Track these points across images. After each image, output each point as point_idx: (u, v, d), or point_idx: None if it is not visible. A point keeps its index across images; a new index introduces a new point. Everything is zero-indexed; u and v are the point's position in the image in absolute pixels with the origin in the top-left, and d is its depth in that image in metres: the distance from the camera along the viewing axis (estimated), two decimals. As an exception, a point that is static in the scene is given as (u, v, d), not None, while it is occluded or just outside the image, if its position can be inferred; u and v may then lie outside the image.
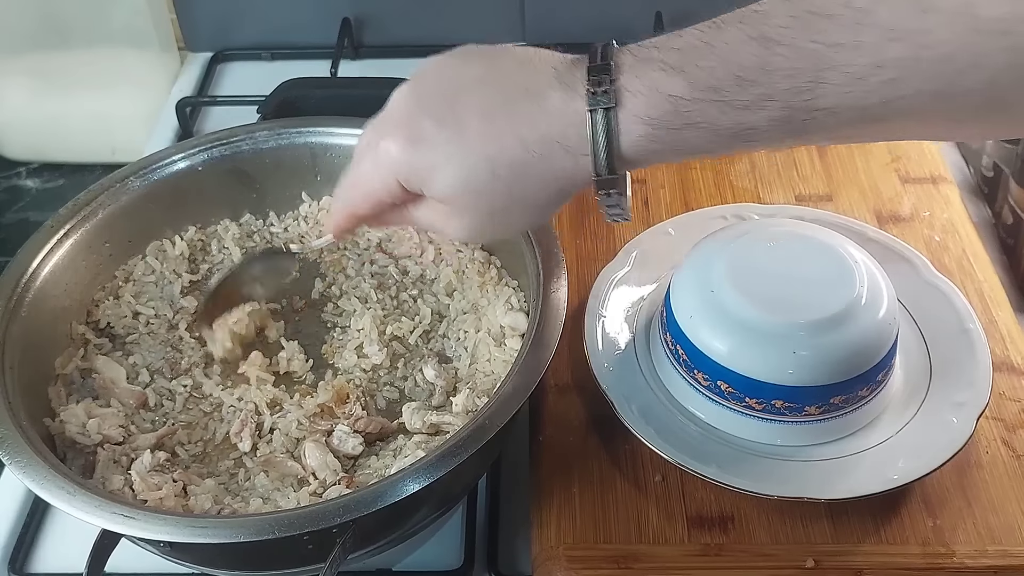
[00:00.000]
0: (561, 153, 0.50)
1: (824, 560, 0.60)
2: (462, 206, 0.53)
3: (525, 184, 0.52)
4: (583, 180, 0.51)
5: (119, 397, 0.68)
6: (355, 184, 0.57)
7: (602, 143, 0.49)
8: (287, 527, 0.53)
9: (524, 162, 0.51)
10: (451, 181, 0.52)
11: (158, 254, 0.76)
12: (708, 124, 0.48)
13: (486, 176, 0.51)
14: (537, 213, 0.54)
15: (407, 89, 0.54)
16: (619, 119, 0.49)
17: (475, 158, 0.51)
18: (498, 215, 0.54)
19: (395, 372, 0.71)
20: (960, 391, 0.65)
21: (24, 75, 1.06)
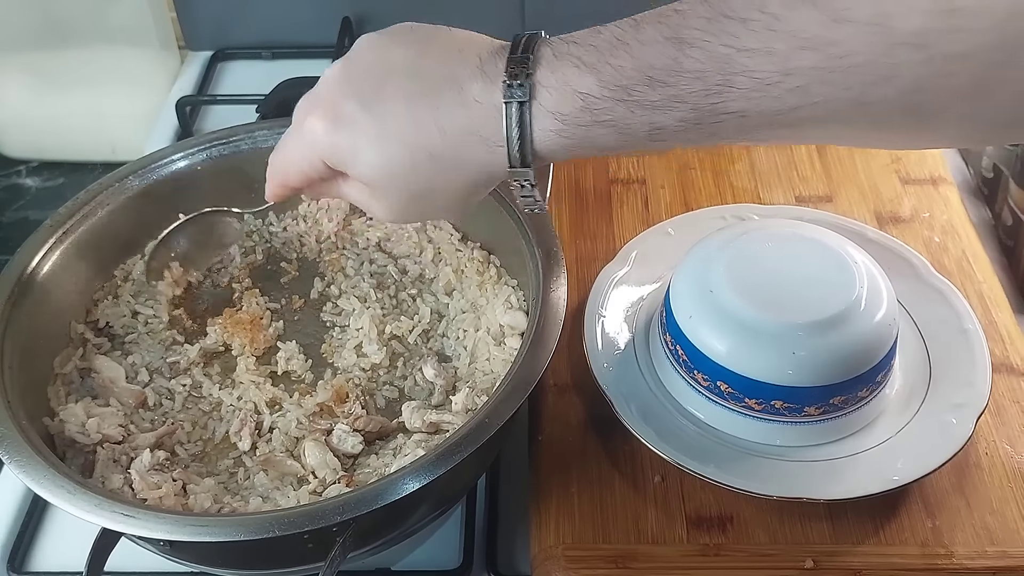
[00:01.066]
0: (477, 143, 0.51)
1: (823, 560, 0.60)
2: (383, 188, 0.54)
3: (443, 172, 0.53)
4: (499, 170, 0.52)
5: (118, 396, 0.68)
6: (283, 156, 0.58)
7: (515, 136, 0.50)
8: (287, 525, 0.53)
9: (442, 150, 0.52)
10: (371, 164, 0.53)
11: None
12: (617, 123, 0.48)
13: (405, 162, 0.52)
14: (458, 201, 0.55)
15: (338, 67, 0.55)
16: (532, 113, 0.49)
17: (395, 144, 0.52)
18: (418, 200, 0.54)
19: (394, 371, 0.71)
20: (959, 392, 0.65)
21: (24, 74, 1.06)
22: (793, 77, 0.44)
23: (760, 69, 0.44)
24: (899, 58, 0.42)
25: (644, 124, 0.48)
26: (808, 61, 0.44)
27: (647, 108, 0.47)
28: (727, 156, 0.88)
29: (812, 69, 0.44)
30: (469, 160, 0.52)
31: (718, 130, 0.47)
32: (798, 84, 0.44)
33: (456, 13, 1.10)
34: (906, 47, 0.42)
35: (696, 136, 0.48)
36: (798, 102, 0.45)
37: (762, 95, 0.45)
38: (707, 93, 0.46)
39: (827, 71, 0.44)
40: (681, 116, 0.47)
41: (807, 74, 0.44)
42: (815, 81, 0.44)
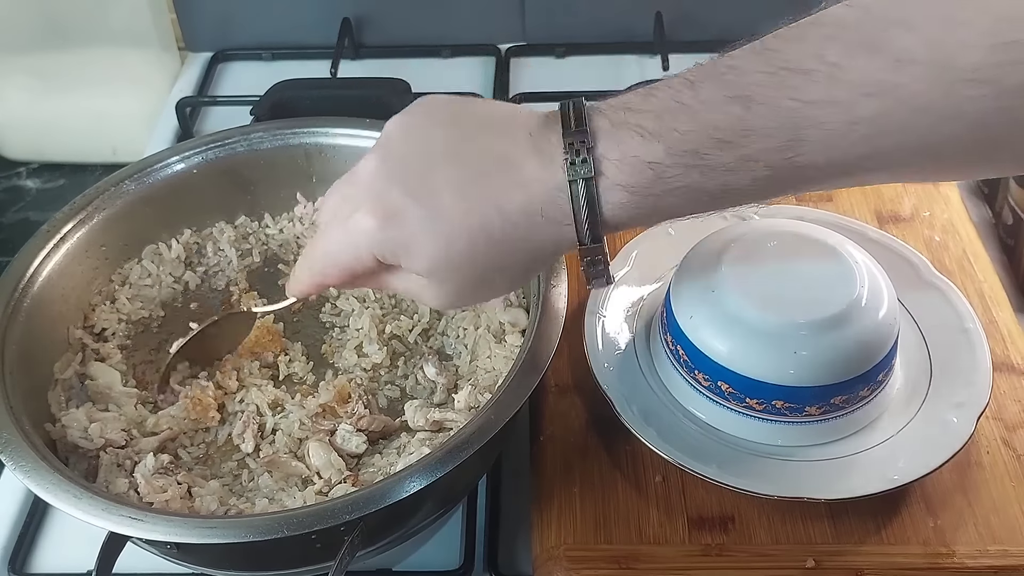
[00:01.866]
0: (542, 223, 0.49)
1: (824, 560, 0.60)
2: (441, 279, 0.52)
3: (505, 255, 0.51)
4: (567, 247, 0.51)
5: (116, 401, 0.68)
6: (325, 253, 0.55)
7: (584, 213, 0.48)
8: (296, 526, 0.53)
9: (503, 234, 0.50)
10: (429, 256, 0.51)
11: (154, 257, 0.76)
12: (691, 188, 0.47)
13: (464, 250, 0.50)
14: (520, 279, 0.54)
15: (375, 158, 0.52)
16: (600, 188, 0.48)
17: (454, 233, 0.50)
18: (478, 285, 0.53)
19: (396, 371, 0.71)
20: (960, 391, 0.65)
21: (24, 75, 1.06)
22: (861, 125, 0.44)
23: (828, 120, 0.44)
24: (963, 94, 0.42)
25: (718, 187, 0.47)
26: (873, 108, 0.43)
27: (720, 171, 0.46)
28: None
29: (878, 116, 0.43)
30: (533, 240, 0.50)
31: (793, 183, 0.47)
32: (866, 132, 0.44)
33: (456, 13, 1.11)
34: (968, 83, 0.42)
35: (770, 191, 0.47)
36: (870, 150, 0.45)
37: (831, 145, 0.45)
38: (779, 149, 0.45)
39: (893, 115, 0.43)
40: (755, 175, 0.46)
41: (874, 121, 0.44)
42: (882, 127, 0.44)
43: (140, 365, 0.73)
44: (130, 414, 0.67)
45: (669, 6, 1.07)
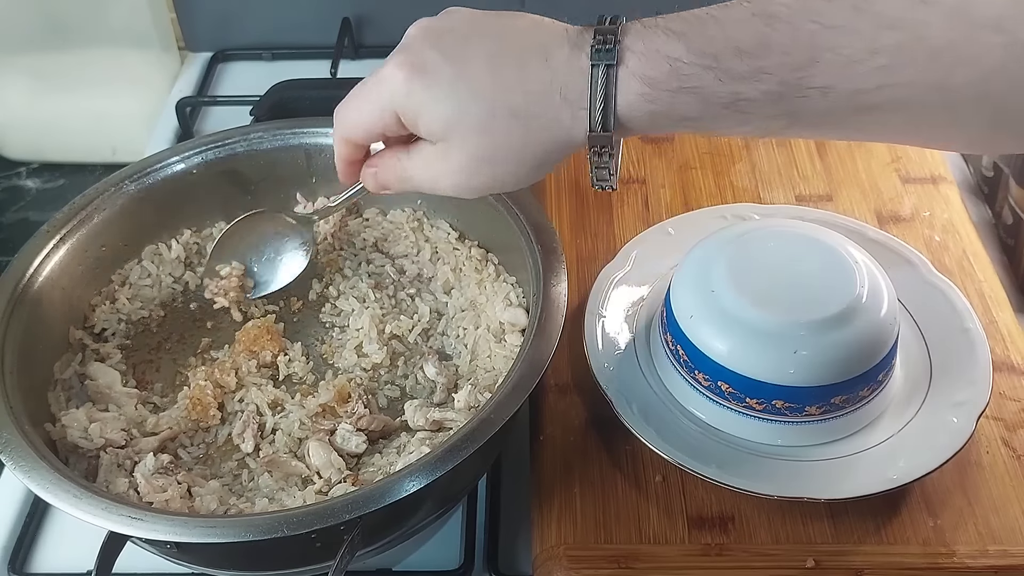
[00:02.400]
0: (560, 104, 0.51)
1: (824, 560, 0.60)
2: (452, 145, 0.53)
3: (520, 131, 0.52)
4: (579, 135, 0.52)
5: (116, 401, 0.68)
6: (354, 107, 0.57)
7: (600, 97, 0.50)
8: (296, 525, 0.53)
9: (523, 108, 0.51)
10: (445, 114, 0.52)
11: (153, 257, 0.76)
12: (703, 91, 0.49)
13: (483, 115, 0.52)
14: (529, 167, 0.54)
15: (423, 23, 0.55)
16: (619, 76, 0.50)
17: (476, 96, 0.52)
18: (488, 162, 0.54)
19: (395, 370, 0.71)
20: (960, 391, 0.65)
21: (24, 75, 1.06)
22: (879, 56, 0.46)
23: (847, 46, 0.46)
24: (979, 42, 0.44)
25: (729, 94, 0.48)
26: (893, 40, 0.45)
27: (734, 78, 0.48)
28: (727, 156, 0.88)
29: (897, 48, 0.45)
30: (550, 121, 0.52)
31: (800, 108, 0.48)
32: (883, 63, 0.46)
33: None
34: (986, 30, 0.44)
35: (777, 112, 0.48)
36: (882, 81, 0.46)
37: (847, 72, 0.46)
38: (794, 67, 0.47)
39: (912, 51, 0.45)
40: (766, 89, 0.48)
41: (892, 53, 0.45)
42: (900, 61, 0.45)
43: (140, 365, 0.73)
44: (130, 414, 0.67)
45: (669, 6, 1.07)
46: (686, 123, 0.51)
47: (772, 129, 0.50)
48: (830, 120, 0.49)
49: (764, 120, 0.49)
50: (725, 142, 0.89)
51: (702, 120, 0.50)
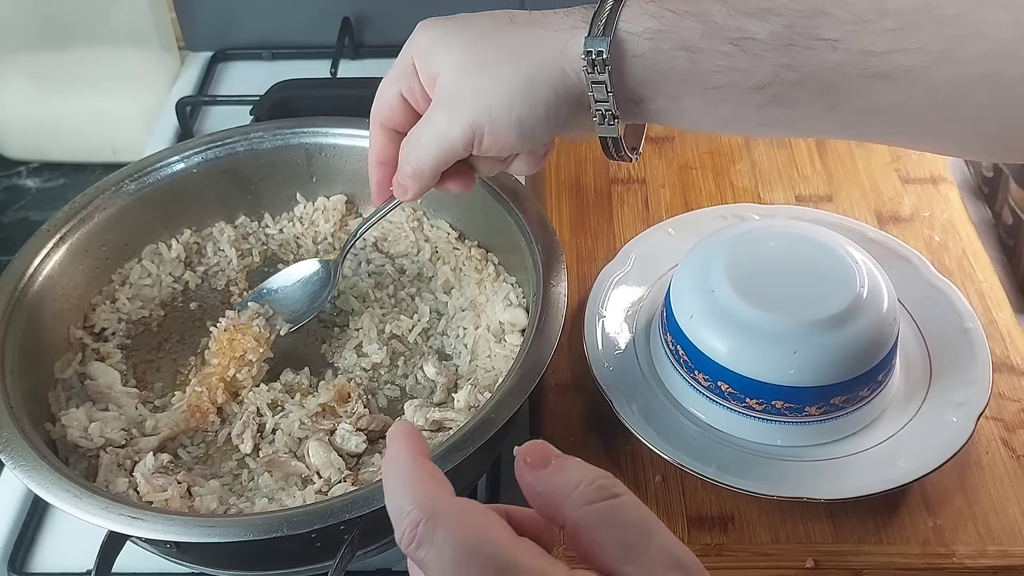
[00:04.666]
0: (562, 16, 0.51)
1: (824, 560, 0.60)
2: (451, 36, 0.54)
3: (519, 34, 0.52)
4: (575, 47, 0.50)
5: (116, 401, 0.68)
6: (378, 90, 0.59)
7: (606, 7, 0.50)
8: (296, 525, 0.53)
9: (523, 17, 0.53)
10: (447, 20, 0.55)
11: (154, 257, 0.76)
12: (709, 17, 0.48)
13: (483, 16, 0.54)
14: (523, 87, 0.51)
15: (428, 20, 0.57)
16: (625, 1, 0.50)
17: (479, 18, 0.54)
18: (485, 65, 0.52)
19: (395, 370, 0.71)
20: (960, 391, 0.65)
21: (24, 75, 1.06)
22: (889, 18, 0.46)
23: (855, 2, 0.46)
24: (989, 15, 0.44)
25: (735, 28, 0.48)
26: (903, 4, 0.45)
27: (741, 12, 0.47)
28: (727, 156, 0.88)
29: (907, 12, 0.45)
30: (549, 28, 0.51)
31: (808, 62, 0.47)
32: (893, 26, 0.45)
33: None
34: (996, 6, 0.44)
35: (784, 63, 0.47)
36: (891, 45, 0.46)
37: (857, 29, 0.46)
38: (802, 13, 0.47)
39: (922, 17, 0.45)
40: (773, 30, 0.47)
41: (903, 17, 0.45)
42: (910, 25, 0.45)
43: (140, 365, 0.73)
44: (130, 414, 0.67)
45: None
46: (691, 57, 0.49)
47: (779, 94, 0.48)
48: (839, 90, 0.48)
49: (768, 67, 0.48)
50: (725, 141, 0.89)
51: (703, 51, 0.48)
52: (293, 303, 0.73)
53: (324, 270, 0.73)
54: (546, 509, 0.37)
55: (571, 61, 0.51)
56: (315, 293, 0.73)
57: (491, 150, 0.54)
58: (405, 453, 0.37)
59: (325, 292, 0.72)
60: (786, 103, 0.49)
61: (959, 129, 0.50)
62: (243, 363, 0.69)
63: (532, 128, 0.53)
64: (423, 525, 0.34)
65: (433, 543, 0.34)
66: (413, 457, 0.37)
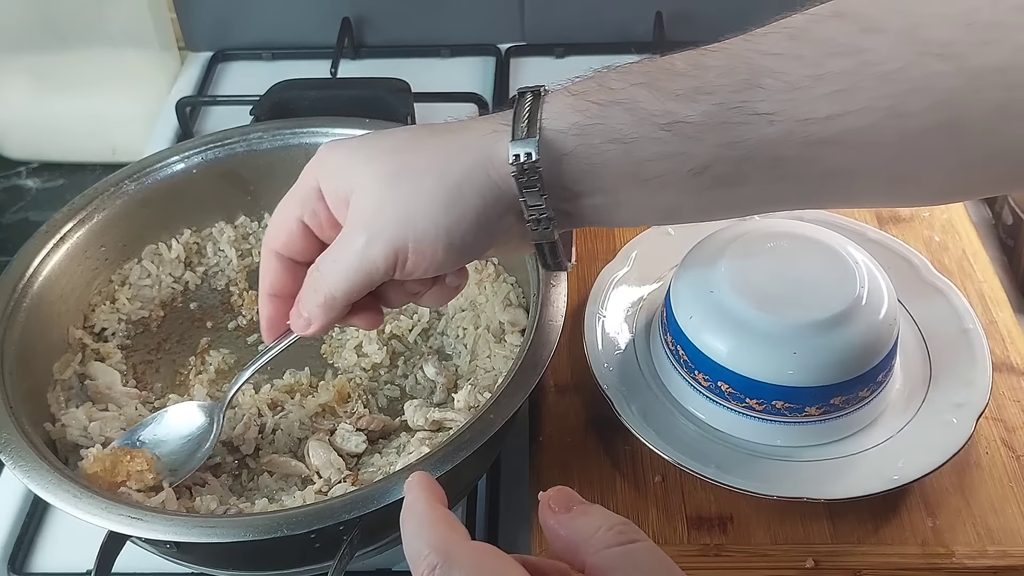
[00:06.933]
0: (480, 123, 0.49)
1: (823, 560, 0.60)
2: (365, 152, 0.50)
3: (438, 143, 0.49)
4: (500, 152, 0.47)
5: (116, 401, 0.68)
6: (274, 215, 0.54)
7: (525, 108, 0.47)
8: (296, 525, 0.53)
9: (441, 129, 0.50)
10: (357, 139, 0.51)
11: (153, 258, 0.76)
12: (636, 105, 0.46)
13: (397, 131, 0.51)
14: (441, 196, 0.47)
15: None
16: (545, 99, 0.48)
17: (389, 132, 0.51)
18: (401, 177, 0.48)
19: (395, 370, 0.72)
20: (960, 391, 0.65)
21: (24, 75, 1.06)
22: (825, 82, 0.43)
23: (789, 71, 0.44)
24: (931, 68, 0.42)
25: (664, 113, 0.45)
26: (840, 65, 0.43)
27: (668, 96, 0.45)
28: None
29: (844, 73, 0.43)
30: (470, 137, 0.48)
31: (747, 137, 0.45)
32: (832, 89, 0.43)
33: (456, 13, 1.11)
34: (937, 57, 0.42)
35: (722, 141, 0.45)
36: (833, 109, 0.44)
37: (794, 97, 0.44)
38: (733, 89, 0.44)
39: (860, 77, 0.43)
40: (705, 110, 0.45)
41: (840, 79, 0.43)
42: (852, 87, 0.43)
43: (140, 365, 0.73)
44: (130, 414, 0.67)
45: (669, 6, 1.07)
46: (624, 149, 0.46)
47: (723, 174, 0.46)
48: (785, 164, 0.46)
49: (710, 153, 0.45)
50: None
51: (639, 143, 0.46)
52: (173, 454, 0.63)
53: (207, 418, 0.64)
54: (567, 552, 0.38)
55: (498, 167, 0.47)
56: (198, 442, 0.63)
57: (416, 270, 0.50)
58: (422, 500, 0.38)
59: (207, 444, 0.63)
60: (732, 182, 0.47)
61: (915, 180, 0.48)
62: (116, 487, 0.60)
63: (461, 240, 0.48)
64: (440, 568, 0.35)
65: None
66: (429, 503, 0.37)
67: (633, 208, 0.50)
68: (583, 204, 0.49)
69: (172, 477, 0.61)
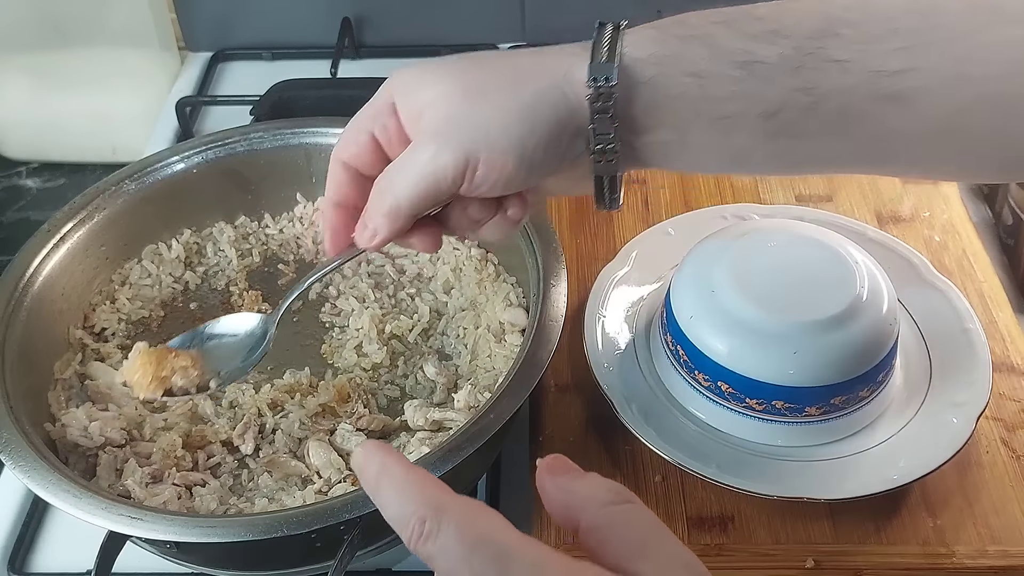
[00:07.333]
0: (557, 52, 0.48)
1: (824, 560, 0.60)
2: (437, 71, 0.50)
3: (513, 63, 0.49)
4: (578, 74, 0.47)
5: (116, 401, 0.68)
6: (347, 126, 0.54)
7: (605, 37, 0.47)
8: (296, 525, 0.53)
9: (517, 53, 0.50)
10: (435, 67, 0.50)
11: (154, 257, 0.77)
12: (714, 41, 0.46)
13: (471, 56, 0.51)
14: (519, 118, 0.47)
15: None
16: (624, 31, 0.48)
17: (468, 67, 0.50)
18: (474, 96, 0.48)
19: (395, 370, 0.71)
20: (960, 391, 0.65)
21: (24, 74, 1.06)
22: (899, 37, 0.45)
23: (864, 23, 0.45)
24: (1002, 33, 0.44)
25: (742, 52, 0.46)
26: (912, 22, 0.45)
27: (747, 36, 0.46)
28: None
29: (919, 31, 0.45)
30: (547, 57, 0.49)
31: (820, 83, 0.45)
32: (905, 44, 0.45)
33: (456, 13, 1.11)
34: (1011, 23, 0.44)
35: (796, 84, 0.46)
36: (903, 64, 0.45)
37: (867, 48, 0.45)
38: (809, 35, 0.46)
39: (934, 36, 0.45)
40: (782, 52, 0.46)
41: (914, 35, 0.45)
42: (922, 44, 0.45)
43: (140, 365, 0.73)
44: (130, 414, 0.67)
45: (670, 5, 1.07)
46: (699, 83, 0.46)
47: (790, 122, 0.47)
48: (851, 114, 0.46)
49: (782, 95, 0.46)
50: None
51: (715, 79, 0.46)
52: (222, 356, 0.63)
53: (261, 327, 0.63)
54: (563, 511, 0.38)
55: (574, 87, 0.48)
56: (249, 348, 0.63)
57: (484, 183, 0.49)
58: (396, 463, 0.37)
59: (258, 352, 0.62)
60: (797, 133, 0.47)
61: (975, 152, 0.49)
62: (163, 384, 0.61)
63: (532, 154, 0.48)
64: (430, 520, 0.35)
65: (439, 536, 0.34)
66: (404, 465, 0.37)
67: (697, 150, 0.50)
68: (649, 141, 0.49)
69: (219, 379, 0.61)
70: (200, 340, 0.63)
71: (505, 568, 0.33)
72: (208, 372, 0.61)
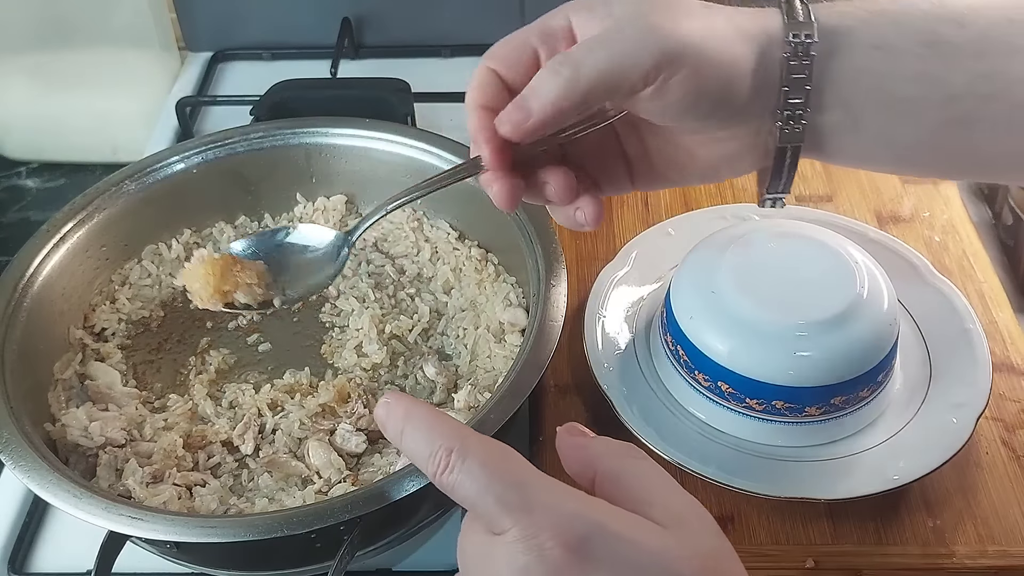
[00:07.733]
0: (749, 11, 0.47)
1: (824, 560, 0.60)
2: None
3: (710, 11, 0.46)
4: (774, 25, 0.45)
5: (116, 401, 0.68)
6: None
7: (798, 3, 0.46)
8: (295, 525, 0.53)
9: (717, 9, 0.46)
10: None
11: (154, 257, 0.77)
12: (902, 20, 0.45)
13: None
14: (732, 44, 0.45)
15: None
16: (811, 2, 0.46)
17: None
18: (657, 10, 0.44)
19: (395, 370, 0.71)
20: (960, 391, 0.65)
21: (25, 74, 1.06)
22: None
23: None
24: None
25: (928, 31, 0.45)
26: None
27: (934, 17, 0.45)
28: None
29: None
30: (742, 12, 0.46)
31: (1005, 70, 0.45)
32: None
33: (456, 13, 1.11)
34: None
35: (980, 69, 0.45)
36: None
37: None
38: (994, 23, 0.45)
39: None
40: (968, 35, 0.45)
41: None
42: None
43: (140, 365, 0.73)
44: (130, 414, 0.67)
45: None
46: (885, 57, 0.45)
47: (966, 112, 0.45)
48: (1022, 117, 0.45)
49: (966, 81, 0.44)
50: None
51: (901, 57, 0.45)
52: (292, 272, 0.59)
53: (335, 245, 0.59)
54: (580, 466, 0.41)
55: (772, 43, 0.45)
56: (320, 266, 0.59)
57: (672, 94, 0.44)
58: (420, 406, 0.40)
59: (330, 271, 0.58)
60: (968, 124, 0.46)
61: None
62: (225, 297, 0.58)
63: (740, 83, 0.45)
64: (456, 452, 0.37)
65: (464, 464, 0.37)
66: (427, 407, 0.40)
67: (867, 137, 0.47)
68: (822, 121, 0.47)
69: (284, 297, 0.57)
70: (267, 248, 0.58)
71: (526, 494, 0.36)
72: (273, 288, 0.58)
